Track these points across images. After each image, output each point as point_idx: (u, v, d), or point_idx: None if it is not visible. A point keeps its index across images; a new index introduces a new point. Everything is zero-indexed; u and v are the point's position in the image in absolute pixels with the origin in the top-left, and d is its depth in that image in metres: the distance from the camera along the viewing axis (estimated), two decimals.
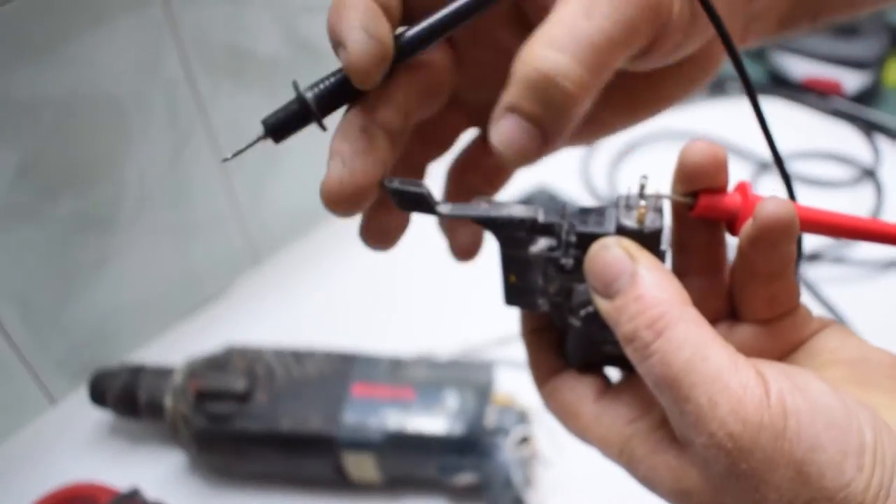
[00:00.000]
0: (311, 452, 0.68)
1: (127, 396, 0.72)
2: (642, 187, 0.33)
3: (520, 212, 0.34)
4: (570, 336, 0.38)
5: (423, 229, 0.42)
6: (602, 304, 0.32)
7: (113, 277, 0.79)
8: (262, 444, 0.68)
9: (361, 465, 0.68)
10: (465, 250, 0.43)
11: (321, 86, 0.35)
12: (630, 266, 0.32)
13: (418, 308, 0.86)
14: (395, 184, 0.34)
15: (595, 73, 0.31)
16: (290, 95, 0.36)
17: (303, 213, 0.95)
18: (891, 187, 0.96)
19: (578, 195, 0.97)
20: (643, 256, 0.32)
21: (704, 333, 0.30)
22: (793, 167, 1.00)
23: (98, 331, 0.80)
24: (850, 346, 0.34)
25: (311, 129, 0.36)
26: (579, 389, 0.38)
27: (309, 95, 0.35)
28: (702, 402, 0.28)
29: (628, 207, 0.34)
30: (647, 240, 0.33)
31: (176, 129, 0.77)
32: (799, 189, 0.98)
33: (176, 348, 0.81)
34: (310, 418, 0.68)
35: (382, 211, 0.38)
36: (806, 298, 0.84)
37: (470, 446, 0.66)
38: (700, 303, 0.33)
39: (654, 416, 0.35)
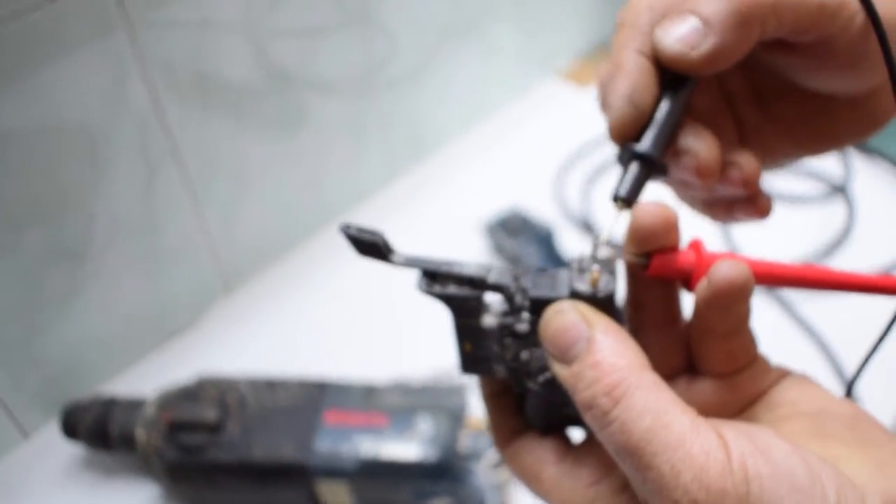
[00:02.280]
0: (285, 482, 0.67)
1: (99, 430, 0.72)
2: (595, 248, 0.33)
3: (471, 270, 0.34)
4: (530, 400, 0.38)
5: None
6: (559, 371, 0.32)
7: (83, 309, 0.78)
8: (235, 475, 0.68)
9: (335, 494, 0.67)
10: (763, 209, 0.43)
11: (650, 137, 0.36)
12: (586, 331, 0.31)
13: (390, 333, 0.86)
14: (353, 231, 0.34)
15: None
16: (258, 122, 0.36)
17: (274, 240, 0.95)
18: (862, 203, 0.97)
19: (552, 216, 0.97)
20: (599, 321, 0.32)
21: (664, 399, 0.30)
22: (764, 184, 1.00)
23: (69, 363, 0.79)
24: (811, 398, 0.34)
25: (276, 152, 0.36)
26: (540, 452, 0.37)
27: (647, 148, 0.36)
28: (664, 471, 0.28)
29: (581, 270, 0.33)
30: (602, 303, 0.33)
31: (145, 159, 0.76)
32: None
33: (148, 379, 0.80)
34: (282, 447, 0.67)
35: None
36: (781, 316, 0.85)
37: (444, 472, 0.66)
38: (657, 359, 0.33)
39: (616, 478, 0.35)
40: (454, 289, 0.34)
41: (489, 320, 0.35)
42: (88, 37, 0.67)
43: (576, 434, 0.39)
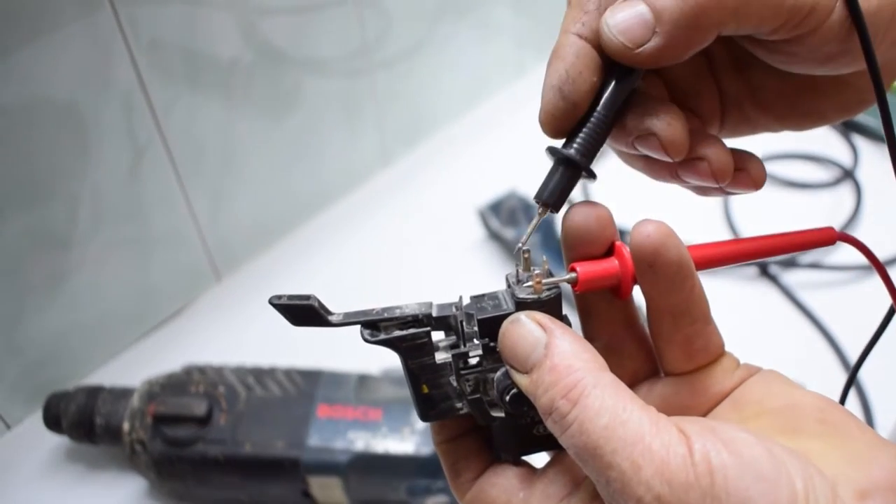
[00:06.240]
0: (276, 476, 0.65)
1: (83, 421, 0.69)
2: (526, 260, 0.33)
3: (413, 309, 0.34)
4: (497, 430, 0.37)
5: (389, 245, 0.40)
6: (521, 381, 0.32)
7: (68, 296, 0.76)
8: (225, 469, 0.66)
9: (328, 489, 0.65)
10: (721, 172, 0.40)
11: (578, 141, 0.35)
12: (542, 336, 0.31)
13: None
14: (284, 300, 0.34)
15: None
16: (249, 102, 0.34)
17: (266, 226, 0.92)
18: (869, 187, 0.96)
19: None
20: (555, 325, 0.32)
21: (622, 397, 0.29)
22: (772, 169, 0.98)
23: (54, 352, 0.77)
24: (777, 394, 0.34)
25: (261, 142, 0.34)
26: (504, 483, 0.36)
27: (572, 152, 0.35)
28: (625, 468, 0.28)
29: (520, 282, 0.33)
30: (550, 306, 0.33)
31: (132, 140, 0.74)
32: (779, 191, 0.97)
33: (136, 369, 0.78)
34: (274, 441, 0.65)
35: None
36: (783, 304, 0.83)
37: (439, 468, 0.64)
38: (617, 366, 0.33)
39: (586, 490, 0.34)
40: (399, 332, 0.34)
41: (442, 356, 0.35)
42: (73, 13, 0.65)
43: (539, 459, 0.38)
